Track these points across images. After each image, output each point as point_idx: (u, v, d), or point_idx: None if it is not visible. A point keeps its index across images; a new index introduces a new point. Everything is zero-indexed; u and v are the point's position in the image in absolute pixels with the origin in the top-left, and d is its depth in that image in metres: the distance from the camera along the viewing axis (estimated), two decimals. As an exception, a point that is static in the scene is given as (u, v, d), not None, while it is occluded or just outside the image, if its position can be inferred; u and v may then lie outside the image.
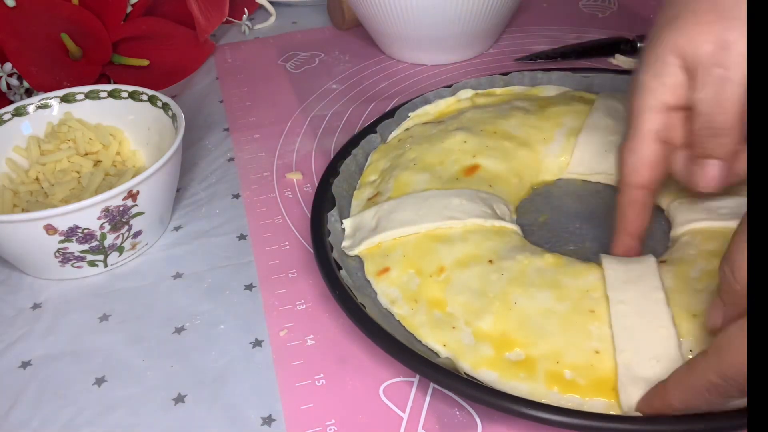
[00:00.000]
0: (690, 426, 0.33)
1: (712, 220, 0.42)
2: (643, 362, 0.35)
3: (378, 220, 0.46)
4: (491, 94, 0.58)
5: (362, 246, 0.45)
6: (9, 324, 0.45)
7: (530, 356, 0.37)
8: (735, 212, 0.42)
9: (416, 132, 0.54)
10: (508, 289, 0.39)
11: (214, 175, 0.57)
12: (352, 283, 0.42)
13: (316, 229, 0.45)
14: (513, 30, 0.76)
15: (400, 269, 0.43)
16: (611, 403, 0.35)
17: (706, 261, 0.39)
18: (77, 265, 0.47)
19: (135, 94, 0.54)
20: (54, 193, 0.50)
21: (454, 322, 0.39)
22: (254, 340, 0.42)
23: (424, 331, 0.39)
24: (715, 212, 0.42)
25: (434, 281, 0.41)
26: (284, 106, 0.66)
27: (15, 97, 0.65)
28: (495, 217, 0.44)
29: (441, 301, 0.40)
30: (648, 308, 0.37)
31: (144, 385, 0.40)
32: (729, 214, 0.42)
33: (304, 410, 0.38)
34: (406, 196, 0.47)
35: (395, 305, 0.41)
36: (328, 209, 0.47)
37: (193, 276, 0.48)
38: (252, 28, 0.81)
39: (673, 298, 0.38)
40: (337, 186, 0.49)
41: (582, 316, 0.37)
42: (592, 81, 0.58)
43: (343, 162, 0.51)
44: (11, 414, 0.39)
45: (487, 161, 0.49)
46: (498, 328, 0.38)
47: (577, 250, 0.45)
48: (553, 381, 0.36)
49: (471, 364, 0.37)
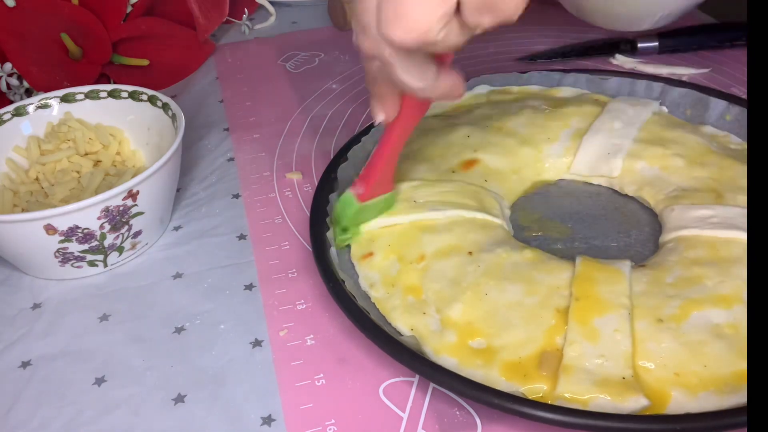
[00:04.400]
0: (690, 426, 0.33)
1: (701, 228, 0.42)
2: (590, 357, 0.36)
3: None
4: (507, 92, 0.58)
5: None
6: (9, 324, 0.45)
7: (491, 346, 0.38)
8: (726, 222, 0.42)
9: (425, 124, 0.55)
10: (482, 281, 0.40)
11: (214, 175, 0.57)
12: (338, 262, 0.43)
13: (315, 229, 0.46)
14: (513, 30, 0.75)
15: (382, 255, 0.44)
16: (544, 387, 0.36)
17: (685, 268, 0.40)
18: (77, 265, 0.47)
19: (135, 94, 0.54)
20: (54, 193, 0.50)
21: (425, 309, 0.40)
22: (254, 340, 0.42)
23: (395, 315, 0.41)
24: (706, 221, 0.43)
25: (413, 268, 0.42)
26: (284, 106, 0.66)
27: (15, 97, 0.65)
28: (481, 211, 0.45)
29: (417, 288, 0.42)
30: (607, 308, 0.38)
31: (144, 385, 0.40)
32: (719, 224, 0.42)
33: (304, 410, 0.38)
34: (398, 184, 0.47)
35: (373, 288, 0.43)
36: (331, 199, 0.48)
37: (193, 276, 0.48)
38: (252, 28, 0.81)
39: (641, 301, 0.38)
40: (343, 171, 0.50)
41: (547, 311, 0.38)
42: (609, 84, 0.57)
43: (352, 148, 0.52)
44: (11, 414, 0.39)
45: (488, 156, 0.50)
46: (465, 317, 0.39)
47: (564, 248, 0.45)
48: (507, 369, 0.37)
49: (433, 349, 0.39)
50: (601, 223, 0.47)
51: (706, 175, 0.46)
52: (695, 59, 0.67)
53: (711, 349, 0.36)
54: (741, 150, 0.49)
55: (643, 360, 0.36)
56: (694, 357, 0.36)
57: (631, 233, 0.46)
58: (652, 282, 0.39)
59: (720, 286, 0.38)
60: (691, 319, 0.37)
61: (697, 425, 0.33)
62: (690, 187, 0.46)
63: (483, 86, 0.58)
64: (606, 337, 0.37)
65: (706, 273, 0.39)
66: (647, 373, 0.36)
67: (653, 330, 0.37)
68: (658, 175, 0.48)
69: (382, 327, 0.39)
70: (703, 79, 0.64)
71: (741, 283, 0.38)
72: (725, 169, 0.46)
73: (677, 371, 0.35)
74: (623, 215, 0.48)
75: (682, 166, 0.47)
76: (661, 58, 0.68)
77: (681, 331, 0.37)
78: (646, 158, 0.49)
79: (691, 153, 0.48)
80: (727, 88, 0.61)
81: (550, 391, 0.36)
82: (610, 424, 0.33)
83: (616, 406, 0.34)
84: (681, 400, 0.35)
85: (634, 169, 0.49)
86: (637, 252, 0.45)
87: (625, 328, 0.37)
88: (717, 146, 0.49)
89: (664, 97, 0.54)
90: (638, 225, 0.47)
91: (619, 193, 0.50)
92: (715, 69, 0.65)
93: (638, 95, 0.55)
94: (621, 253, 0.45)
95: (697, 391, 0.35)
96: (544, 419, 0.33)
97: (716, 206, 0.43)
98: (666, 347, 0.36)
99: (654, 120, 0.52)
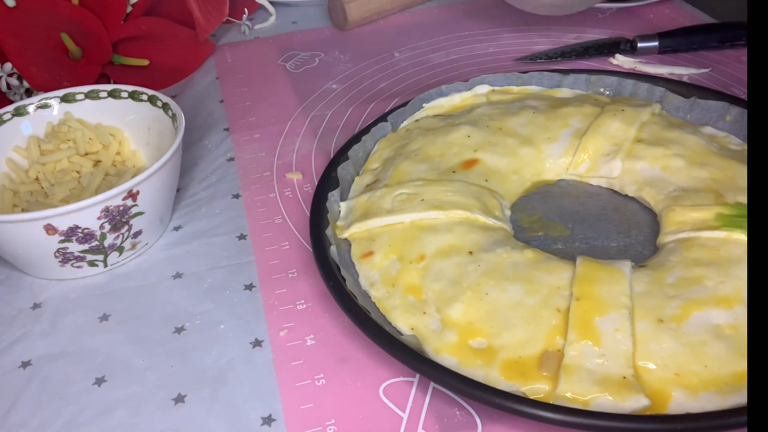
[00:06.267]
0: (690, 426, 0.33)
1: (700, 230, 0.42)
2: (591, 357, 0.36)
3: (368, 206, 0.47)
4: (507, 91, 0.58)
5: (351, 230, 0.46)
6: (9, 324, 0.45)
7: (492, 346, 0.38)
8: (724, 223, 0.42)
9: (425, 123, 0.55)
10: (482, 281, 0.40)
11: (214, 175, 0.57)
12: (339, 260, 0.43)
13: (315, 229, 0.46)
14: (513, 30, 0.76)
15: (383, 254, 0.44)
16: (545, 387, 0.36)
17: (685, 268, 0.40)
18: (77, 265, 0.47)
19: (135, 94, 0.54)
20: (54, 193, 0.50)
21: (426, 308, 0.40)
22: (254, 340, 0.42)
23: (396, 314, 0.41)
24: (705, 223, 0.43)
25: (414, 268, 0.42)
26: (284, 106, 0.66)
27: (15, 97, 0.65)
28: (483, 211, 0.45)
29: (417, 288, 0.42)
30: (608, 308, 0.38)
31: (144, 385, 0.40)
32: (719, 225, 0.42)
33: (304, 410, 0.38)
34: (399, 185, 0.47)
35: (373, 287, 0.43)
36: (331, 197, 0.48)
37: (193, 276, 0.48)
38: (252, 28, 0.81)
39: (642, 302, 0.38)
40: (343, 169, 0.50)
41: (548, 311, 0.38)
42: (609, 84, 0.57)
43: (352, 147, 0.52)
44: (11, 414, 0.39)
45: (488, 156, 0.50)
46: (466, 317, 0.39)
47: (564, 249, 0.45)
48: (507, 369, 0.37)
49: (434, 349, 0.39)
50: (601, 223, 0.47)
51: (707, 175, 0.46)
52: (695, 59, 0.67)
53: (711, 350, 0.36)
54: (741, 151, 0.49)
55: (644, 360, 0.36)
56: (694, 357, 0.36)
57: (631, 233, 0.46)
58: (652, 282, 0.39)
59: (720, 287, 0.38)
60: (692, 319, 0.37)
61: (697, 425, 0.33)
62: (690, 188, 0.46)
63: (483, 86, 0.58)
64: (607, 336, 0.37)
65: (706, 273, 0.39)
66: (648, 373, 0.36)
67: (654, 330, 0.37)
68: (658, 176, 0.48)
69: (382, 326, 0.39)
70: (703, 79, 0.64)
71: (741, 283, 0.38)
72: (725, 170, 0.46)
73: (678, 371, 0.35)
74: (623, 215, 0.48)
75: (683, 166, 0.47)
76: (661, 58, 0.68)
77: (681, 332, 0.37)
78: (647, 158, 0.49)
79: (692, 153, 0.48)
80: (727, 88, 0.61)
81: (551, 391, 0.36)
82: (611, 423, 0.33)
83: (617, 406, 0.34)
84: (682, 400, 0.35)
85: (635, 170, 0.49)
86: (637, 252, 0.45)
87: (626, 328, 0.37)
88: (717, 147, 0.49)
89: (664, 99, 0.54)
90: (638, 225, 0.47)
91: (619, 194, 0.50)
92: (715, 69, 0.65)
93: (639, 97, 0.55)
94: (621, 253, 0.45)
95: (698, 391, 0.35)
96: (544, 419, 0.33)
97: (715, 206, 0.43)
98: (667, 347, 0.36)
99: (654, 120, 0.52)
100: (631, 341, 0.36)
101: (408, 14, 0.82)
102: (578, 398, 0.35)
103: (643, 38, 0.68)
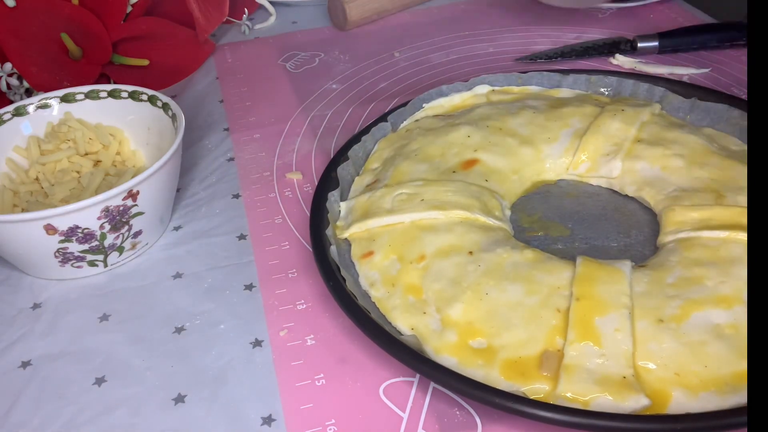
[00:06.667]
0: (690, 426, 0.33)
1: (701, 230, 0.42)
2: (591, 357, 0.36)
3: (368, 206, 0.47)
4: (507, 92, 0.58)
5: (350, 230, 0.46)
6: (9, 324, 0.45)
7: (492, 345, 0.38)
8: (725, 223, 0.42)
9: (424, 124, 0.55)
10: (482, 280, 0.40)
11: (214, 175, 0.57)
12: (339, 260, 0.43)
13: (315, 229, 0.46)
14: (513, 30, 0.76)
15: (383, 254, 0.44)
16: (545, 387, 0.36)
17: (685, 268, 0.40)
18: (77, 265, 0.47)
19: (135, 94, 0.54)
20: (54, 193, 0.50)
21: (426, 308, 0.40)
22: (254, 340, 0.42)
23: (396, 314, 0.41)
24: (705, 222, 0.43)
25: (414, 268, 0.42)
26: (284, 106, 0.66)
27: (15, 97, 0.65)
28: (483, 211, 0.45)
29: (417, 288, 0.42)
30: (608, 308, 0.38)
31: (144, 385, 0.40)
32: (719, 225, 0.42)
33: (304, 410, 0.38)
34: (399, 185, 0.47)
35: (373, 287, 0.43)
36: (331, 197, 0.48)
37: (193, 276, 0.48)
38: (252, 28, 0.81)
39: (642, 301, 0.38)
40: (343, 169, 0.50)
41: (548, 311, 0.38)
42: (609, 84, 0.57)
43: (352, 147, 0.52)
44: (11, 414, 0.39)
45: (488, 156, 0.50)
46: (466, 317, 0.39)
47: (564, 249, 0.45)
48: (507, 369, 0.37)
49: (434, 349, 0.39)
50: (601, 223, 0.47)
51: (707, 175, 0.46)
52: (695, 59, 0.67)
53: (711, 350, 0.36)
54: (741, 151, 0.49)
55: (644, 360, 0.36)
56: (694, 357, 0.36)
57: (631, 233, 0.46)
58: (652, 282, 0.39)
59: (720, 287, 0.38)
60: (692, 319, 0.37)
61: (697, 425, 0.33)
62: (690, 188, 0.46)
63: (483, 86, 0.58)
64: (607, 336, 0.37)
65: (706, 273, 0.39)
66: (648, 373, 0.36)
67: (654, 330, 0.37)
68: (658, 176, 0.48)
69: (382, 326, 0.39)
70: (703, 79, 0.64)
71: (741, 283, 0.38)
72: (725, 170, 0.46)
73: (678, 371, 0.35)
74: (623, 215, 0.48)
75: (683, 166, 0.47)
76: (661, 58, 0.68)
77: (681, 332, 0.37)
78: (647, 158, 0.49)
79: (692, 153, 0.48)
80: (727, 88, 0.61)
81: (551, 391, 0.36)
82: (611, 423, 0.33)
83: (617, 406, 0.34)
84: (682, 400, 0.35)
85: (635, 170, 0.49)
86: (637, 252, 0.45)
87: (626, 328, 0.37)
88: (717, 147, 0.49)
89: (664, 99, 0.54)
90: (638, 225, 0.47)
91: (619, 194, 0.50)
92: (715, 69, 0.65)
93: (639, 97, 0.56)
94: (621, 253, 0.45)
95: (698, 391, 0.35)
96: (545, 419, 0.33)
97: (716, 207, 0.43)
98: (667, 347, 0.36)
99: (654, 120, 0.52)
100: (631, 341, 0.36)
101: (408, 14, 0.82)
102: (578, 398, 0.35)
103: (643, 38, 0.68)
